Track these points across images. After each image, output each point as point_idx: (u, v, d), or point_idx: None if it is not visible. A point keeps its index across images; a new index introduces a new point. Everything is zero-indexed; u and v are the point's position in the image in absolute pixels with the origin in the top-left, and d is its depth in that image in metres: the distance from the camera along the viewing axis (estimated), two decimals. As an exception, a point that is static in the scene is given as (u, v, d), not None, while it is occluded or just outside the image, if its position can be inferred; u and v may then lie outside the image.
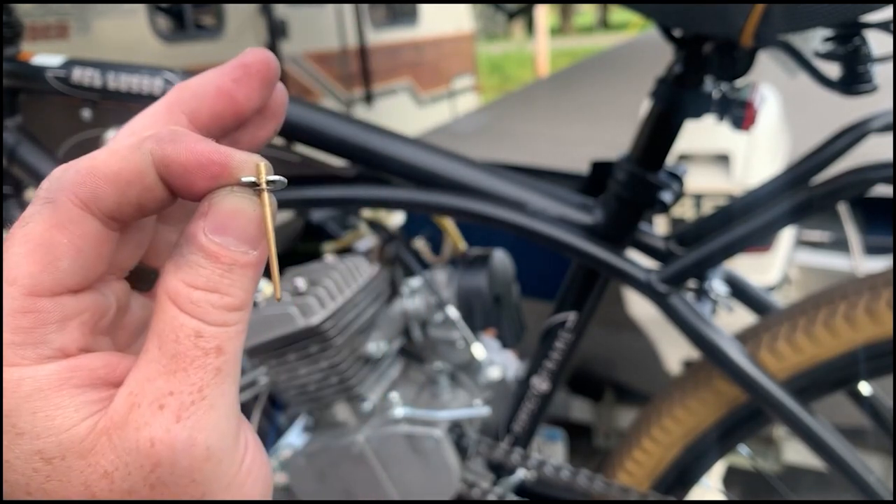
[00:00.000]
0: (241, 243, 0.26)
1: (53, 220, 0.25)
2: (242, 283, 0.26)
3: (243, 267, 0.26)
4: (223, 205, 0.26)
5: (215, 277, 0.26)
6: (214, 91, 0.29)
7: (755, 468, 1.45)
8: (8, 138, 0.96)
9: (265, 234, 0.27)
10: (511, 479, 0.95)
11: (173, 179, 0.26)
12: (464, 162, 0.85)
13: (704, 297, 0.86)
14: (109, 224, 0.26)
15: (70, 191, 0.25)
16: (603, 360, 1.86)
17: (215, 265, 0.26)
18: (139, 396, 0.25)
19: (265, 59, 0.30)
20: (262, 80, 0.30)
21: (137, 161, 0.26)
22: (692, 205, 1.38)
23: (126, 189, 0.26)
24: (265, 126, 0.32)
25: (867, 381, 0.85)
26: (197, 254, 0.26)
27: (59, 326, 0.25)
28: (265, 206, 0.26)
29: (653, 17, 0.74)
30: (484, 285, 0.97)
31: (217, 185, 0.26)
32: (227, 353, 0.26)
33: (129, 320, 0.30)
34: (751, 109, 0.74)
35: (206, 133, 0.29)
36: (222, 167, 0.26)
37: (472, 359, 0.98)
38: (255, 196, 0.26)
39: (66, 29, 2.30)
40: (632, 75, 3.15)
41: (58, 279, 0.25)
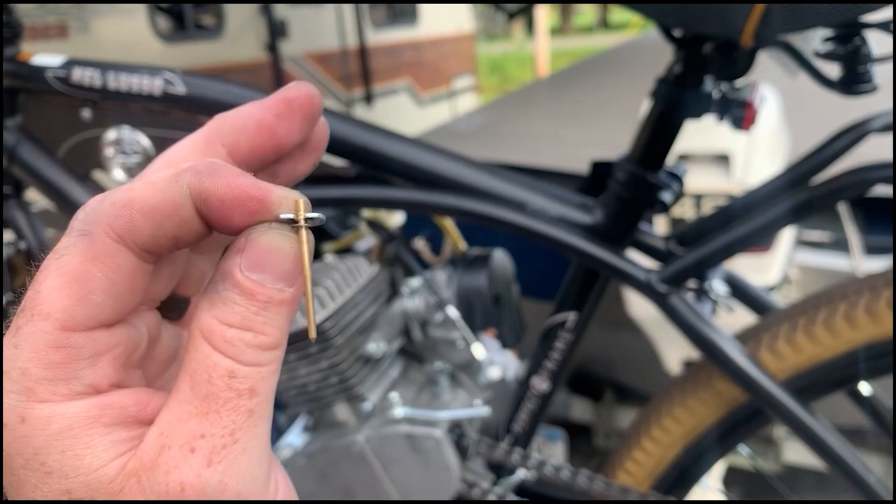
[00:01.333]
0: (277, 280, 0.25)
1: (89, 254, 0.25)
2: (277, 321, 0.26)
3: (279, 305, 0.25)
4: (260, 241, 0.25)
5: (250, 315, 0.25)
6: (255, 125, 0.28)
7: (755, 468, 1.45)
8: (8, 138, 0.96)
9: (302, 271, 0.26)
10: (511, 479, 0.95)
11: (210, 214, 0.25)
12: (464, 162, 0.85)
13: (704, 297, 0.86)
14: (144, 257, 0.26)
15: (106, 223, 0.25)
16: (603, 360, 1.86)
17: (250, 302, 0.25)
18: (170, 438, 0.24)
19: (309, 95, 0.29)
20: (305, 116, 0.29)
21: (175, 194, 0.25)
22: (692, 205, 1.38)
23: (162, 222, 0.25)
24: (304, 160, 0.31)
25: (867, 381, 0.85)
26: (232, 290, 0.25)
27: (91, 362, 0.25)
28: (303, 243, 0.26)
29: (653, 17, 0.74)
30: (484, 285, 0.97)
31: (255, 221, 0.25)
32: (260, 393, 0.25)
33: (160, 350, 0.30)
34: (751, 109, 0.74)
35: (244, 166, 0.28)
36: (261, 203, 0.25)
37: (472, 359, 0.98)
38: (292, 233, 0.26)
39: (66, 29, 2.30)
40: (632, 75, 3.15)
41: (91, 314, 0.25)
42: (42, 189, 0.96)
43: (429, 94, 4.61)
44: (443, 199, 0.83)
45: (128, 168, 0.91)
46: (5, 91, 0.95)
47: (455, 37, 5.06)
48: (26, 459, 0.24)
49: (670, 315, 0.81)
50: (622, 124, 1.48)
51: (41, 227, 1.04)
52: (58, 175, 0.95)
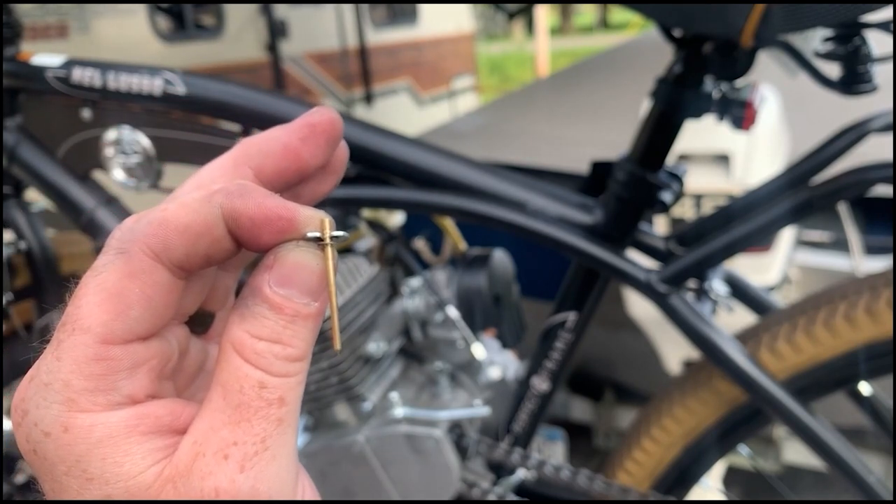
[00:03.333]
0: (303, 295, 0.27)
1: (126, 270, 0.26)
2: (304, 334, 0.27)
3: (305, 318, 0.27)
4: (288, 258, 0.27)
5: (279, 328, 0.26)
6: (281, 148, 0.30)
7: (755, 468, 1.45)
8: (8, 138, 0.96)
9: (327, 286, 0.27)
10: (511, 479, 0.95)
11: (241, 232, 0.27)
12: (464, 162, 0.85)
13: (704, 297, 0.86)
14: (178, 273, 0.27)
15: (142, 242, 0.26)
16: (603, 360, 1.86)
17: (279, 316, 0.27)
18: (203, 446, 0.26)
19: (331, 119, 0.31)
20: (328, 140, 0.31)
21: (207, 214, 0.27)
22: (692, 205, 1.38)
23: (196, 241, 0.27)
24: (326, 181, 0.33)
25: (867, 381, 0.85)
26: (262, 305, 0.27)
27: (129, 373, 0.26)
28: (328, 260, 0.27)
29: (653, 17, 0.74)
30: (484, 285, 0.97)
31: (283, 239, 0.27)
32: (288, 403, 0.27)
33: (188, 363, 0.31)
34: (751, 109, 0.74)
35: (270, 188, 0.30)
36: (289, 222, 0.27)
37: (472, 359, 0.98)
38: (318, 250, 0.27)
39: (66, 29, 2.30)
40: (632, 75, 3.15)
41: (129, 327, 0.26)
42: (42, 189, 0.96)
43: (429, 94, 4.61)
44: (443, 199, 0.83)
45: (128, 168, 0.91)
46: (5, 91, 0.95)
47: (455, 37, 5.06)
48: (69, 466, 0.25)
49: (670, 315, 0.81)
50: (622, 124, 1.48)
51: (41, 227, 1.04)
52: (58, 175, 0.95)
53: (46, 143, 0.96)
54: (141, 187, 0.92)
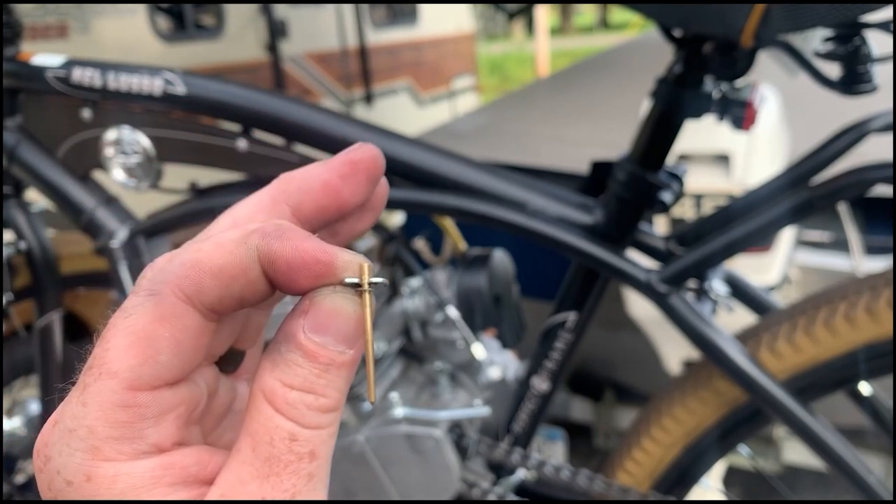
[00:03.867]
0: (339, 343, 0.26)
1: (157, 314, 0.25)
2: (338, 383, 0.26)
3: (339, 367, 0.26)
4: (324, 304, 0.26)
5: (312, 377, 0.25)
6: (321, 186, 0.29)
7: (755, 468, 1.45)
8: (8, 138, 0.96)
9: (363, 334, 0.26)
10: (511, 479, 0.95)
11: (277, 276, 0.26)
12: (464, 162, 0.85)
13: (704, 297, 0.86)
14: (209, 316, 0.26)
15: (174, 284, 0.25)
16: (603, 360, 1.86)
17: (313, 365, 0.25)
18: (230, 500, 0.25)
19: (373, 156, 0.29)
20: (369, 177, 0.29)
21: (243, 256, 0.26)
22: (692, 205, 1.38)
23: (230, 283, 0.26)
24: (364, 218, 0.32)
25: (867, 381, 0.85)
26: (295, 352, 0.25)
27: (155, 421, 0.25)
28: (366, 307, 0.26)
29: (653, 17, 0.74)
30: (484, 285, 0.97)
31: (320, 284, 0.26)
32: (319, 457, 0.25)
33: (216, 404, 0.30)
34: (751, 109, 0.74)
35: (308, 225, 0.29)
36: (327, 267, 0.26)
37: (472, 359, 0.98)
38: (355, 296, 0.26)
39: (66, 29, 2.30)
40: (632, 75, 3.15)
41: (157, 373, 0.25)
42: (42, 189, 0.96)
43: (429, 94, 4.61)
44: (443, 199, 0.83)
45: (128, 168, 0.91)
46: (5, 91, 0.95)
47: (455, 37, 5.06)
48: None
49: (670, 315, 0.81)
50: (622, 124, 1.48)
51: (41, 227, 1.04)
52: (58, 175, 0.95)
53: (46, 143, 0.96)
54: (141, 187, 0.92)
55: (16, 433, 1.28)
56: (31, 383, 1.36)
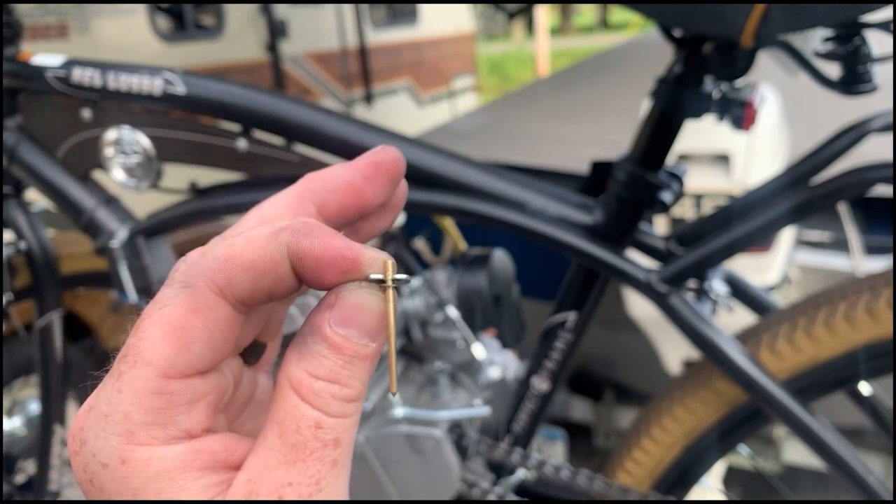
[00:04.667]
0: (363, 336, 0.27)
1: (190, 305, 0.26)
2: (361, 374, 0.27)
3: (363, 359, 0.27)
4: (350, 299, 0.27)
5: (337, 368, 0.26)
6: (345, 186, 0.30)
7: (755, 468, 1.45)
8: (8, 138, 0.96)
9: (386, 328, 0.28)
10: (511, 479, 0.95)
11: (306, 272, 0.27)
12: (464, 162, 0.85)
13: (704, 297, 0.86)
14: (240, 308, 0.28)
15: (208, 277, 0.27)
16: (603, 360, 1.86)
17: (337, 356, 0.27)
18: (258, 484, 0.26)
19: (395, 159, 0.31)
20: (391, 179, 0.31)
21: (273, 252, 0.27)
22: (692, 205, 1.38)
23: (260, 278, 0.27)
24: (384, 218, 0.33)
25: (867, 381, 0.85)
26: (321, 344, 0.27)
27: (187, 408, 0.26)
28: (389, 302, 0.27)
29: (653, 17, 0.74)
30: (484, 285, 0.97)
31: (346, 280, 0.27)
32: (343, 444, 0.27)
33: (240, 394, 0.31)
34: (751, 109, 0.74)
35: (332, 223, 0.30)
36: (354, 263, 0.27)
37: (472, 359, 0.98)
38: (379, 292, 0.27)
39: (66, 29, 2.30)
40: (632, 75, 3.15)
41: (190, 362, 0.26)
42: (42, 189, 0.96)
43: (429, 94, 4.61)
44: (443, 199, 0.83)
45: (128, 168, 0.91)
46: (5, 91, 0.95)
47: (455, 37, 5.06)
48: (125, 499, 0.25)
49: (670, 315, 0.81)
50: (622, 124, 1.48)
51: (41, 227, 1.04)
52: (57, 175, 0.95)
53: (46, 143, 0.96)
54: (141, 187, 0.92)
55: (16, 433, 1.28)
56: (31, 383, 1.36)
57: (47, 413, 1.06)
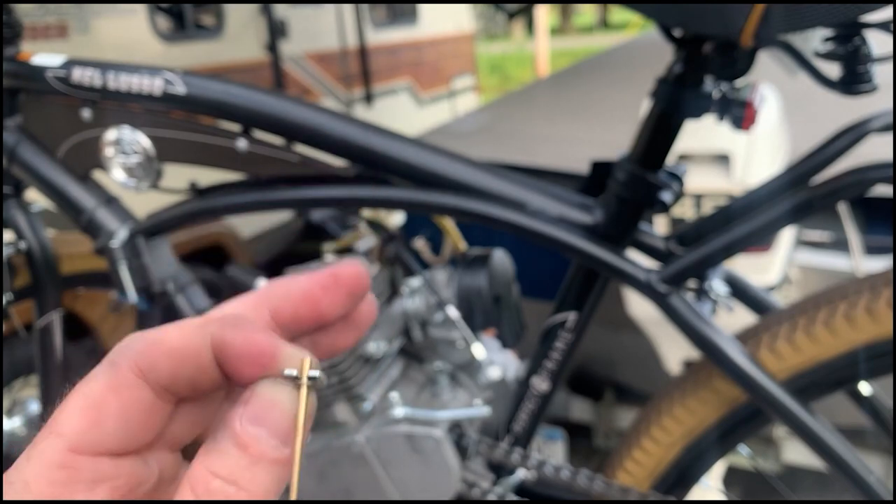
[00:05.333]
0: (272, 437, 0.26)
1: (110, 383, 0.26)
2: (263, 479, 0.25)
3: (270, 463, 0.25)
4: (263, 395, 0.26)
5: (238, 469, 0.25)
6: (301, 294, 0.30)
7: (755, 468, 1.45)
8: (8, 138, 0.96)
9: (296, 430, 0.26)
10: (511, 479, 0.95)
11: (226, 363, 0.27)
12: (464, 162, 0.85)
13: (704, 297, 0.86)
14: (163, 396, 0.27)
15: (131, 357, 0.27)
16: (603, 360, 1.86)
17: (242, 455, 0.25)
18: None
19: (356, 274, 0.31)
20: (349, 293, 0.31)
21: (198, 341, 0.27)
22: (692, 205, 1.38)
23: (182, 364, 0.27)
24: (347, 334, 0.32)
25: (867, 381, 0.85)
26: (228, 440, 0.25)
27: (88, 487, 0.26)
28: (301, 401, 0.27)
29: (652, 17, 0.74)
30: (484, 285, 0.97)
31: (263, 375, 0.27)
32: None
33: (173, 491, 0.30)
34: (751, 109, 0.74)
35: (286, 331, 0.30)
36: (270, 358, 0.26)
37: (472, 359, 0.98)
38: (295, 391, 0.27)
39: (66, 29, 2.30)
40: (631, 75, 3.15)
41: (99, 440, 0.26)
42: (42, 189, 0.96)
43: (429, 94, 4.61)
44: (443, 199, 0.83)
45: (128, 168, 0.91)
46: (5, 91, 0.95)
47: (455, 37, 5.06)
48: None
49: (670, 315, 0.81)
50: (622, 124, 1.49)
51: (41, 227, 1.04)
52: (58, 175, 0.95)
53: (46, 143, 0.96)
54: (141, 187, 0.92)
55: (16, 433, 1.28)
56: (31, 383, 1.36)
57: (48, 413, 1.06)
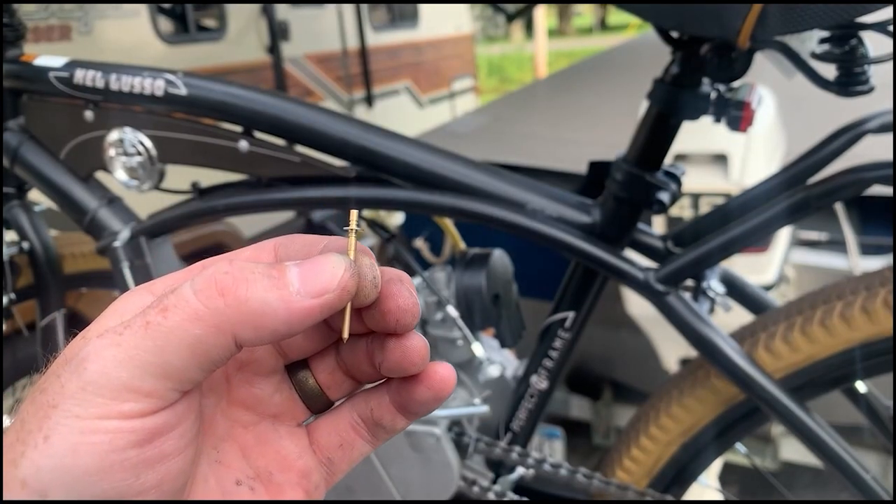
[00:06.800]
0: (303, 284, 0.28)
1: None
2: (263, 308, 0.27)
3: (280, 301, 0.27)
4: (321, 259, 0.29)
5: (256, 289, 0.27)
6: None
7: (753, 466, 1.45)
8: (11, 139, 0.96)
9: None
10: (510, 477, 0.96)
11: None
12: (464, 162, 0.85)
13: (702, 296, 0.87)
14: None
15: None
16: (601, 359, 1.87)
17: (269, 284, 0.27)
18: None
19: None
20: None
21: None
22: (689, 205, 1.39)
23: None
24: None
25: (864, 380, 0.86)
26: (267, 267, 0.28)
27: None
28: (351, 245, 0.30)
29: (650, 19, 0.75)
30: (483, 284, 0.98)
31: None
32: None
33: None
34: (748, 110, 0.75)
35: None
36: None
37: (472, 357, 0.99)
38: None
39: (69, 30, 2.31)
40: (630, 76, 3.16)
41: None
42: (44, 190, 0.97)
43: (429, 96, 4.62)
44: (443, 200, 0.84)
45: (130, 169, 0.92)
46: (9, 92, 0.96)
47: (455, 38, 5.07)
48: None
49: (668, 314, 0.82)
50: (620, 125, 1.49)
51: (44, 228, 1.05)
52: (60, 176, 0.96)
53: (49, 144, 0.96)
54: (143, 188, 0.93)
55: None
56: (34, 383, 1.37)
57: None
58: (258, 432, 0.33)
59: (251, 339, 0.27)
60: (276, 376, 0.33)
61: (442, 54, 4.85)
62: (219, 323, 0.26)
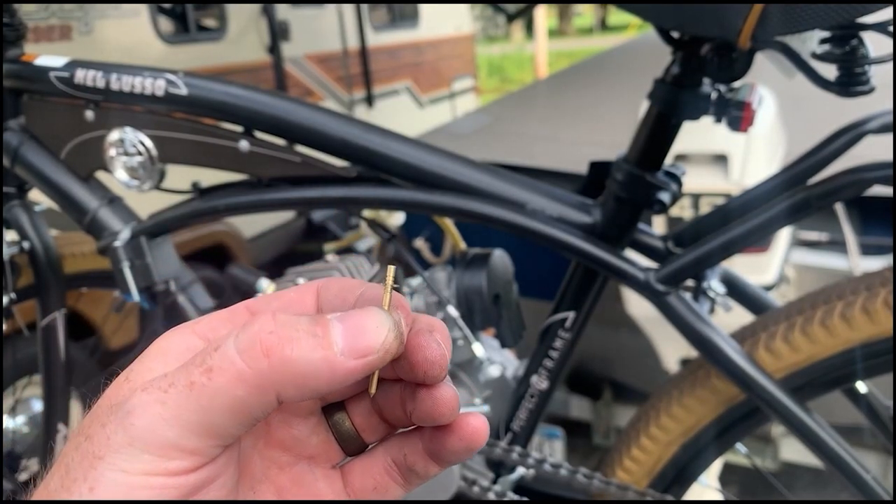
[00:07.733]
0: (346, 342, 0.28)
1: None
2: (305, 367, 0.27)
3: (324, 361, 0.27)
4: (364, 313, 0.29)
5: (301, 349, 0.27)
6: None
7: (753, 466, 1.45)
8: (11, 139, 0.96)
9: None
10: (510, 477, 0.96)
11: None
12: (464, 162, 0.86)
13: (702, 296, 0.87)
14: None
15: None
16: (601, 359, 1.87)
17: (314, 342, 0.28)
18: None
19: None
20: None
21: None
22: (690, 205, 1.39)
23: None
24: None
25: (864, 380, 0.86)
26: (311, 321, 0.28)
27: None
28: (386, 296, 0.31)
29: (650, 19, 0.75)
30: (483, 285, 0.98)
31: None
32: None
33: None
34: (748, 110, 0.75)
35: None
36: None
37: (472, 357, 0.99)
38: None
39: (69, 30, 2.31)
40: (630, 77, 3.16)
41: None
42: (45, 189, 0.97)
43: (429, 96, 4.61)
44: (443, 200, 0.84)
45: (130, 168, 0.92)
46: (9, 92, 0.96)
47: (455, 38, 5.06)
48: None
49: (668, 314, 0.82)
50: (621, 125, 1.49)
51: (44, 227, 1.05)
52: (61, 175, 0.96)
53: (50, 143, 0.96)
54: (143, 188, 0.93)
55: (20, 431, 1.29)
56: (35, 382, 1.37)
57: (50, 412, 1.07)
58: (294, 474, 0.33)
59: (293, 396, 0.27)
60: (314, 418, 0.34)
61: (442, 54, 4.85)
62: (262, 384, 0.26)
